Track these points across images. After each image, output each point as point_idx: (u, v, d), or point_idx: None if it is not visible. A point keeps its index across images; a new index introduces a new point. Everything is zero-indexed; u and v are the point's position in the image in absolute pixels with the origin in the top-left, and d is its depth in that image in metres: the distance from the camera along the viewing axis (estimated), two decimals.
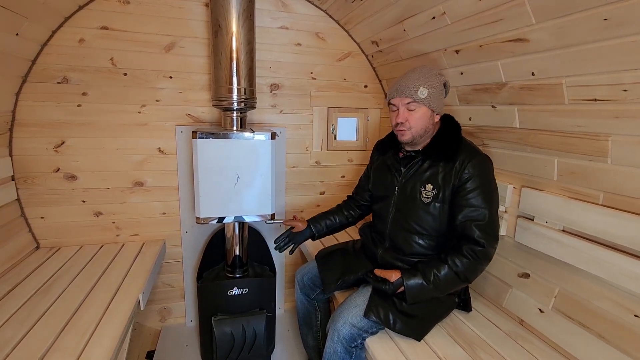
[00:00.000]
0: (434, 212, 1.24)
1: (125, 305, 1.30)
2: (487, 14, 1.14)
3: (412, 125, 1.22)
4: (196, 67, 1.85)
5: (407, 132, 1.23)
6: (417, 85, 1.20)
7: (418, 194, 1.26)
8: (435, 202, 1.23)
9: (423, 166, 1.27)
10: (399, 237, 1.31)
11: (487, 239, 1.16)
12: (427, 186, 1.25)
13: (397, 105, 1.24)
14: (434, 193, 1.23)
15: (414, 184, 1.28)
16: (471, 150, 1.23)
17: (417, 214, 1.26)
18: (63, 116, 1.71)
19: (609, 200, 1.06)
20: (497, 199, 1.24)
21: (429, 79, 1.22)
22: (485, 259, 1.17)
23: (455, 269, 1.15)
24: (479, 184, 1.18)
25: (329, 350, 1.22)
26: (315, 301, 1.58)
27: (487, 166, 1.22)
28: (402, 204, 1.31)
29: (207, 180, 1.52)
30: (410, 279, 1.16)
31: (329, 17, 1.99)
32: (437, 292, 1.18)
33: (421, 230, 1.26)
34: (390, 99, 1.27)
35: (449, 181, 1.21)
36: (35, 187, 1.73)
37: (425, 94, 1.20)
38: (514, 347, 1.20)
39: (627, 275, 0.99)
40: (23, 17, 1.37)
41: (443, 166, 1.23)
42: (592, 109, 1.02)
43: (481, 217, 1.17)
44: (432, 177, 1.24)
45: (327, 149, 2.15)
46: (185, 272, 2.03)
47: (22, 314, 1.22)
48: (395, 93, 1.24)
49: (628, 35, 0.85)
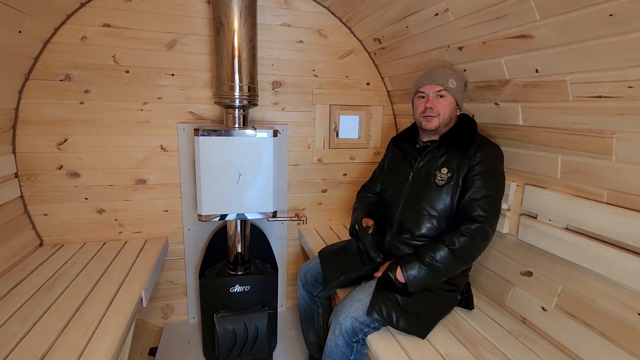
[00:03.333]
0: (446, 195, 1.27)
1: (127, 302, 1.31)
2: (490, 10, 1.13)
3: (441, 112, 1.30)
4: (198, 65, 1.84)
5: (435, 118, 1.30)
6: (447, 75, 1.30)
7: (432, 177, 1.31)
8: (449, 185, 1.27)
9: (439, 152, 1.33)
10: (409, 220, 1.33)
11: (484, 217, 1.20)
12: (443, 170, 1.29)
13: (426, 92, 1.32)
14: (449, 176, 1.28)
15: (428, 169, 1.33)
16: (485, 140, 1.31)
17: (431, 195, 1.30)
18: (66, 114, 1.71)
19: (613, 198, 1.05)
20: (503, 188, 1.28)
21: (455, 74, 1.33)
22: (480, 236, 1.20)
23: (450, 247, 1.18)
24: (486, 168, 1.24)
25: (330, 343, 1.23)
26: (318, 298, 1.58)
27: (497, 154, 1.28)
28: (416, 187, 1.35)
29: (209, 177, 1.52)
30: (408, 269, 1.19)
31: (331, 14, 1.98)
32: (435, 275, 1.20)
33: (432, 211, 1.29)
34: (420, 87, 1.34)
35: (464, 166, 1.26)
36: (39, 185, 1.73)
37: (455, 85, 1.30)
38: (516, 345, 1.19)
39: (631, 274, 0.98)
40: (25, 15, 1.37)
41: (458, 152, 1.29)
42: (596, 106, 1.01)
43: (482, 198, 1.21)
44: (448, 161, 1.30)
45: (329, 146, 2.15)
46: (188, 270, 2.04)
47: (25, 310, 1.22)
48: (426, 81, 1.32)
49: (633, 32, 0.84)
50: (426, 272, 1.19)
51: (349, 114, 2.14)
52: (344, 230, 2.19)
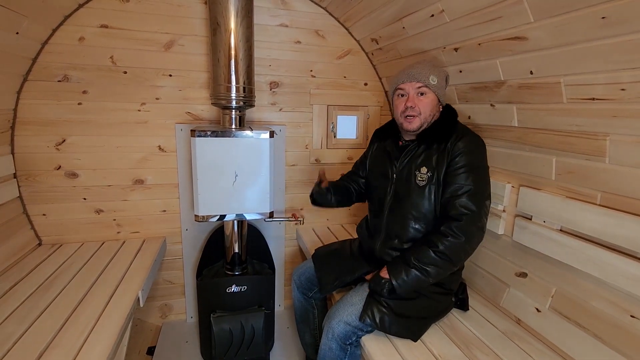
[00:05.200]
0: (429, 196, 1.22)
1: (125, 302, 1.32)
2: (485, 11, 1.13)
3: (422, 110, 1.23)
4: (196, 65, 1.85)
5: (416, 118, 1.23)
6: (428, 72, 1.23)
7: (413, 178, 1.25)
8: (430, 185, 1.21)
9: (418, 151, 1.27)
10: (395, 225, 1.30)
11: (466, 215, 1.13)
12: (422, 169, 1.23)
13: (406, 90, 1.25)
14: (429, 176, 1.22)
15: (409, 169, 1.27)
16: (463, 130, 1.24)
17: (413, 198, 1.25)
18: (64, 114, 1.72)
19: (607, 200, 1.05)
20: (487, 178, 1.22)
21: (436, 69, 1.27)
22: (464, 235, 1.12)
23: (433, 249, 1.13)
24: (467, 161, 1.17)
25: (324, 347, 1.23)
26: (313, 299, 1.59)
27: (476, 144, 1.21)
28: (399, 190, 1.30)
29: (206, 178, 1.53)
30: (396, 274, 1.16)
31: (329, 15, 1.98)
32: (424, 278, 1.14)
33: (417, 214, 1.24)
34: (399, 84, 1.27)
35: (442, 162, 1.19)
36: (37, 185, 1.75)
37: (436, 81, 1.24)
38: (510, 346, 1.20)
39: (623, 276, 0.98)
40: (23, 16, 1.38)
41: (436, 148, 1.22)
42: (590, 108, 1.01)
43: (462, 194, 1.15)
44: (427, 160, 1.23)
45: (327, 146, 2.15)
46: (186, 269, 2.05)
47: (23, 310, 1.23)
48: (405, 78, 1.24)
49: (626, 34, 0.84)
50: (414, 276, 1.14)
51: (347, 114, 2.15)
52: (341, 230, 2.19)
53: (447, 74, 1.32)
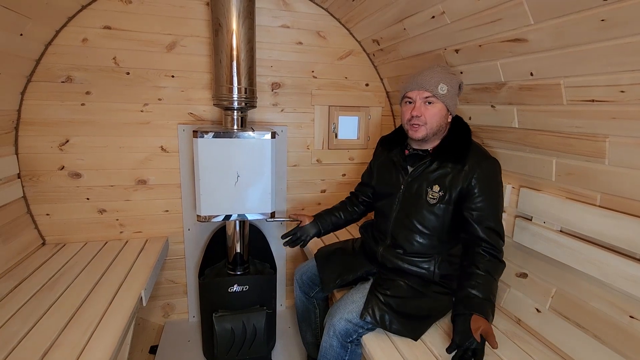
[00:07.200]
0: (438, 213, 1.23)
1: (127, 301, 1.33)
2: (485, 13, 1.14)
3: (428, 120, 1.20)
4: (198, 66, 1.86)
5: (422, 127, 1.21)
6: (437, 80, 1.19)
7: (424, 194, 1.25)
8: (441, 204, 1.22)
9: (431, 167, 1.25)
10: (400, 235, 1.31)
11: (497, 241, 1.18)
12: (435, 187, 1.23)
13: (413, 98, 1.23)
14: (441, 195, 1.22)
15: (420, 184, 1.26)
16: (481, 153, 1.23)
17: (421, 213, 1.25)
18: (67, 115, 1.73)
19: (606, 202, 1.05)
20: (502, 201, 1.25)
21: (448, 77, 1.22)
22: (500, 259, 1.19)
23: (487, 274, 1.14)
24: (488, 188, 1.18)
25: (325, 344, 1.24)
26: (314, 299, 1.60)
27: (495, 170, 1.22)
28: (407, 202, 1.30)
29: (208, 178, 1.54)
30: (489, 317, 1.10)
31: (330, 16, 1.99)
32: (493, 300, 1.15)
33: (423, 229, 1.26)
34: (407, 91, 1.24)
35: (457, 184, 1.19)
36: (41, 185, 1.76)
37: (445, 91, 1.19)
38: (510, 346, 1.20)
39: (623, 277, 0.99)
40: (27, 18, 1.39)
41: (451, 168, 1.21)
42: (590, 110, 1.02)
43: (490, 219, 1.18)
44: (440, 178, 1.23)
45: (329, 147, 2.16)
46: (188, 269, 2.06)
47: (27, 309, 1.25)
48: (413, 86, 1.22)
49: (626, 36, 0.84)
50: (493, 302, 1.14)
51: (348, 114, 2.15)
52: (343, 230, 2.19)
53: (460, 81, 1.28)
